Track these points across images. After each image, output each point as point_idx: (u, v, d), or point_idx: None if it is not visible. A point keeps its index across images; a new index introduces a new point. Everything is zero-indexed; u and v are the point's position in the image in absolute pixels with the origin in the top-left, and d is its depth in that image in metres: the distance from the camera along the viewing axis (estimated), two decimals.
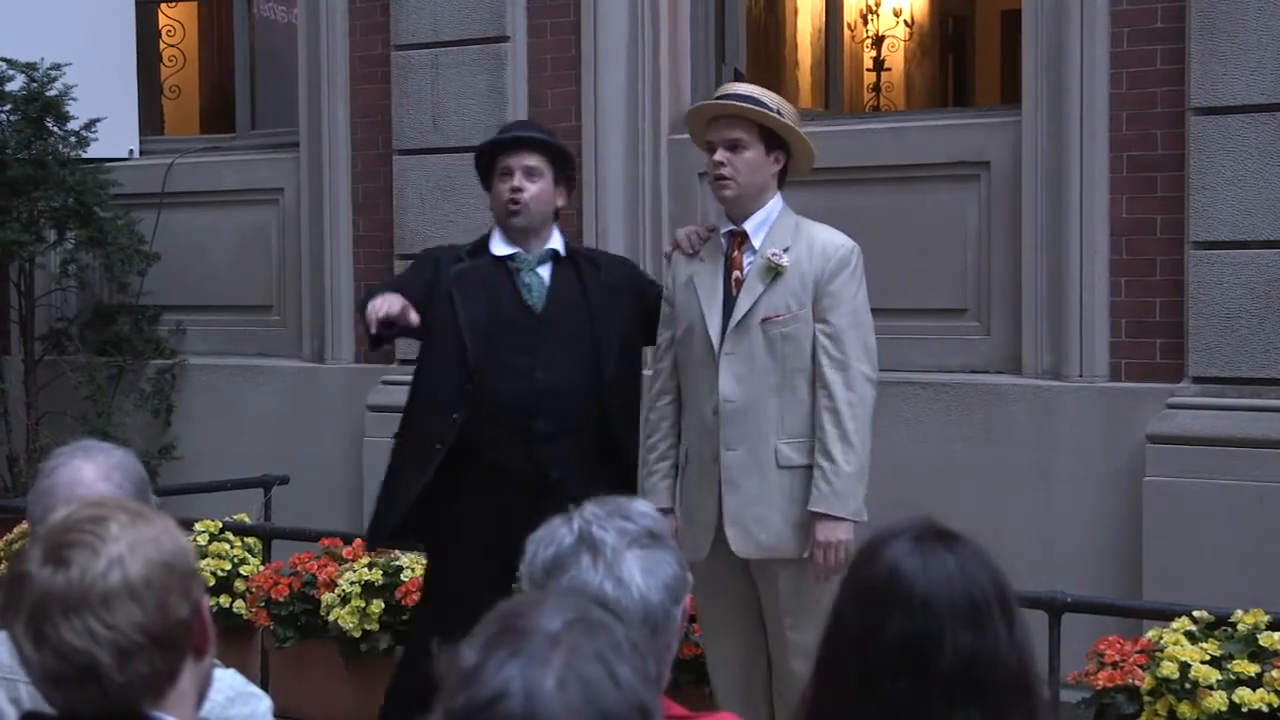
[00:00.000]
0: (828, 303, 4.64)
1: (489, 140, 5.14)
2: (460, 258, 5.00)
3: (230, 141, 8.93)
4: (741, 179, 4.69)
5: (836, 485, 4.56)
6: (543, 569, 2.25)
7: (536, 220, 4.94)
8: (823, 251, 4.68)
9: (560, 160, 4.99)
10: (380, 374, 7.91)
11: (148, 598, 1.98)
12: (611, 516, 2.29)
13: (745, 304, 4.67)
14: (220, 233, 8.71)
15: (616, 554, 2.24)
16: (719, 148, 4.70)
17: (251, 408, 8.41)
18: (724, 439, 4.64)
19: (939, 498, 6.26)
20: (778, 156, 4.73)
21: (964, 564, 2.08)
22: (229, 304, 8.69)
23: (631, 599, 2.21)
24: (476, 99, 7.66)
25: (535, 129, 5.16)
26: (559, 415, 4.82)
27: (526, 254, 4.94)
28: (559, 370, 4.84)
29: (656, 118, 7.37)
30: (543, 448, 4.80)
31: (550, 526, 2.29)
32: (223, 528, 6.79)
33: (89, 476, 2.74)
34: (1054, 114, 6.49)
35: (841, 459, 4.56)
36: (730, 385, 4.65)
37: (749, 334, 4.65)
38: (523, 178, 4.90)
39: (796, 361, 4.63)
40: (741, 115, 4.69)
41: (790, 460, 4.63)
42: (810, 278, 4.64)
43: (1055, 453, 6.46)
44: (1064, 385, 6.48)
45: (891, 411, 6.54)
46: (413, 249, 7.80)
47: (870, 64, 10.82)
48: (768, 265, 4.65)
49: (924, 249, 6.81)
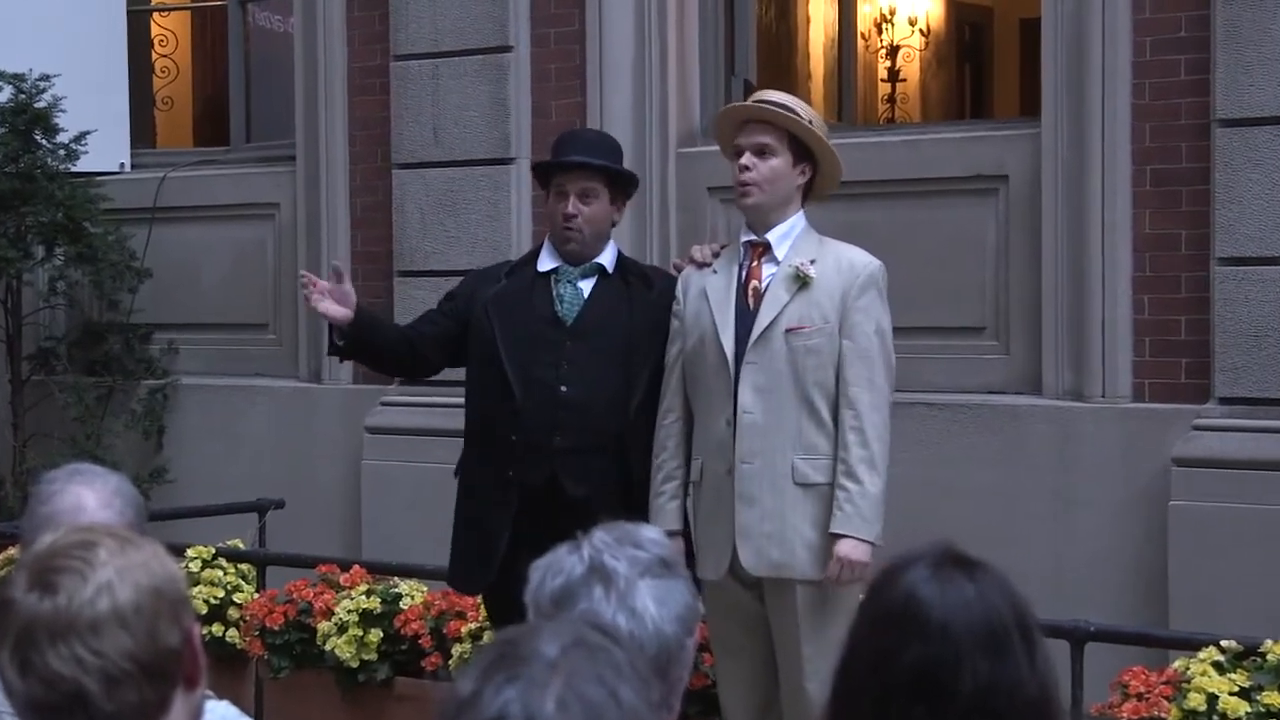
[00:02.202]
0: (856, 319, 4.66)
1: (547, 161, 5.11)
2: (500, 278, 5.02)
3: (224, 155, 8.94)
4: (765, 186, 4.71)
5: (862, 508, 4.56)
6: (551, 599, 2.24)
7: (589, 242, 4.95)
8: (850, 268, 4.71)
9: (618, 177, 4.99)
10: (379, 395, 7.91)
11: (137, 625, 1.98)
12: (622, 544, 2.28)
13: (770, 313, 4.67)
14: (214, 249, 8.72)
15: (629, 584, 2.23)
16: (745, 152, 4.72)
17: (246, 429, 8.41)
18: (740, 452, 4.64)
19: (956, 522, 6.25)
20: (804, 169, 4.76)
21: (983, 591, 2.08)
22: (223, 322, 8.69)
23: (646, 631, 2.21)
24: (478, 111, 7.67)
25: (596, 151, 5.03)
26: (581, 432, 4.82)
27: (570, 268, 4.94)
28: (585, 385, 4.83)
29: (664, 130, 7.37)
30: (563, 464, 4.80)
31: (557, 554, 2.28)
32: (215, 554, 6.79)
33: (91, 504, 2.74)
34: (1075, 126, 6.49)
35: (868, 481, 4.57)
36: (749, 396, 4.65)
37: (771, 344, 4.65)
38: (577, 202, 4.90)
39: (818, 376, 4.64)
40: (772, 121, 4.71)
41: (806, 477, 4.63)
42: (838, 293, 4.67)
43: (1077, 476, 6.45)
44: (1085, 406, 6.47)
45: (906, 433, 6.52)
46: (412, 266, 7.81)
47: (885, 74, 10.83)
48: (795, 275, 4.67)
49: (940, 265, 6.80)
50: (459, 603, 6.02)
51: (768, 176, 4.71)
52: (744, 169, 4.72)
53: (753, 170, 4.71)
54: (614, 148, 5.10)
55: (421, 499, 7.25)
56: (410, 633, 6.15)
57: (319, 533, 7.79)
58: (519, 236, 7.52)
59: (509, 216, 7.59)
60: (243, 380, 8.56)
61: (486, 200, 7.65)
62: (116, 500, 2.75)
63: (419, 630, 6.15)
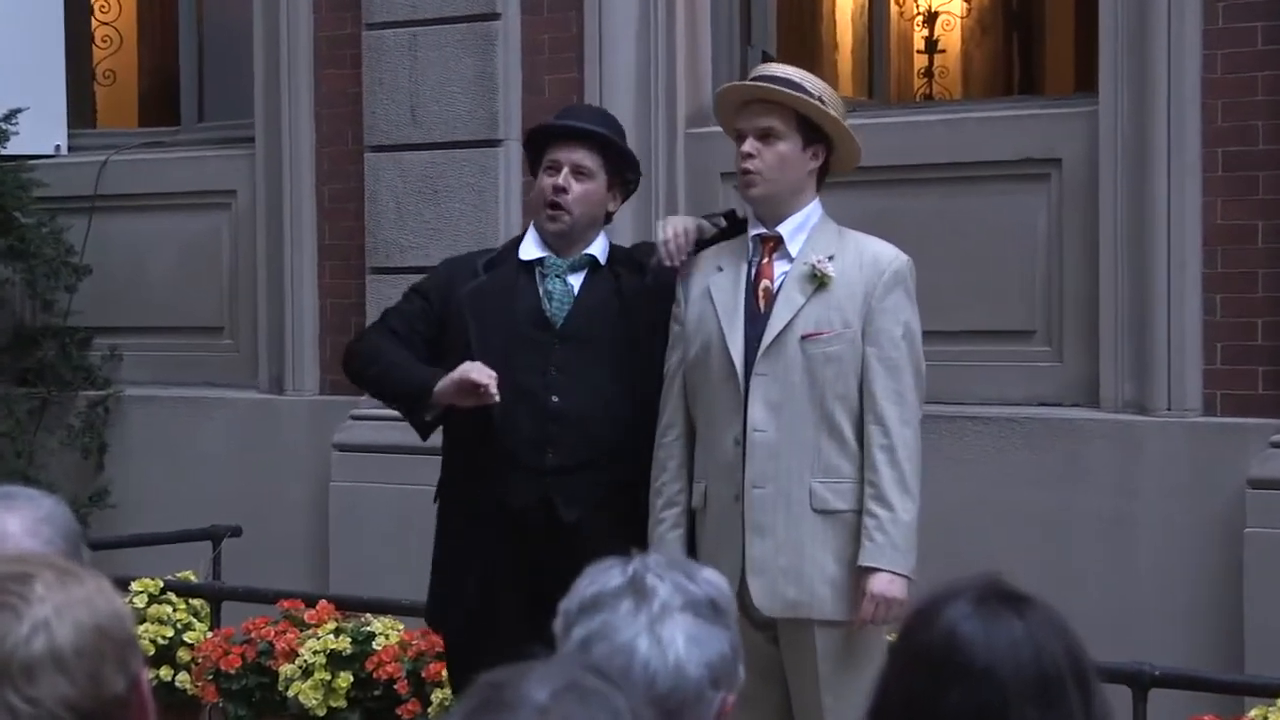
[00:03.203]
0: (881, 323, 4.64)
1: (539, 125, 5.13)
2: (477, 270, 4.97)
3: (174, 135, 8.95)
4: (771, 175, 4.69)
5: (895, 537, 4.55)
6: (579, 606, 2.26)
7: (578, 226, 4.91)
8: (874, 264, 4.68)
9: (618, 160, 4.98)
10: (349, 407, 7.91)
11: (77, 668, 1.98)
12: (673, 569, 2.28)
13: (783, 317, 4.65)
14: (162, 242, 8.72)
15: (665, 610, 2.24)
16: (748, 137, 4.71)
17: (198, 447, 8.41)
18: (749, 475, 4.63)
19: (1001, 552, 6.24)
20: (816, 152, 4.74)
21: (1033, 630, 2.08)
22: (172, 325, 8.69)
23: (664, 663, 2.21)
24: (462, 86, 7.67)
25: (594, 119, 5.08)
26: (575, 447, 4.80)
27: (557, 258, 4.93)
28: (578, 395, 4.82)
29: (671, 108, 7.38)
30: (555, 484, 4.79)
31: (604, 563, 2.29)
32: (164, 587, 6.79)
33: (15, 531, 2.73)
34: (1136, 103, 6.49)
35: (900, 506, 4.56)
36: (760, 412, 4.63)
37: (785, 352, 4.64)
38: (569, 176, 4.89)
39: (839, 388, 4.62)
40: (776, 101, 4.70)
41: (826, 504, 4.62)
42: (860, 293, 4.64)
43: (1139, 499, 6.44)
44: (1149, 420, 6.47)
45: (944, 451, 6.52)
46: (387, 261, 7.82)
47: (921, 45, 10.82)
48: (811, 273, 4.65)
49: (984, 261, 6.80)
50: (439, 643, 6.02)
51: (773, 164, 4.69)
52: (746, 156, 4.70)
53: (756, 157, 4.70)
54: (617, 128, 5.10)
55: (398, 525, 7.25)
56: (384, 676, 6.15)
57: (281, 563, 7.79)
58: (508, 228, 7.52)
59: (496, 206, 7.60)
60: (195, 391, 8.56)
61: (471, 187, 7.65)
62: (45, 528, 2.74)
63: (394, 674, 6.15)
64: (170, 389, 8.64)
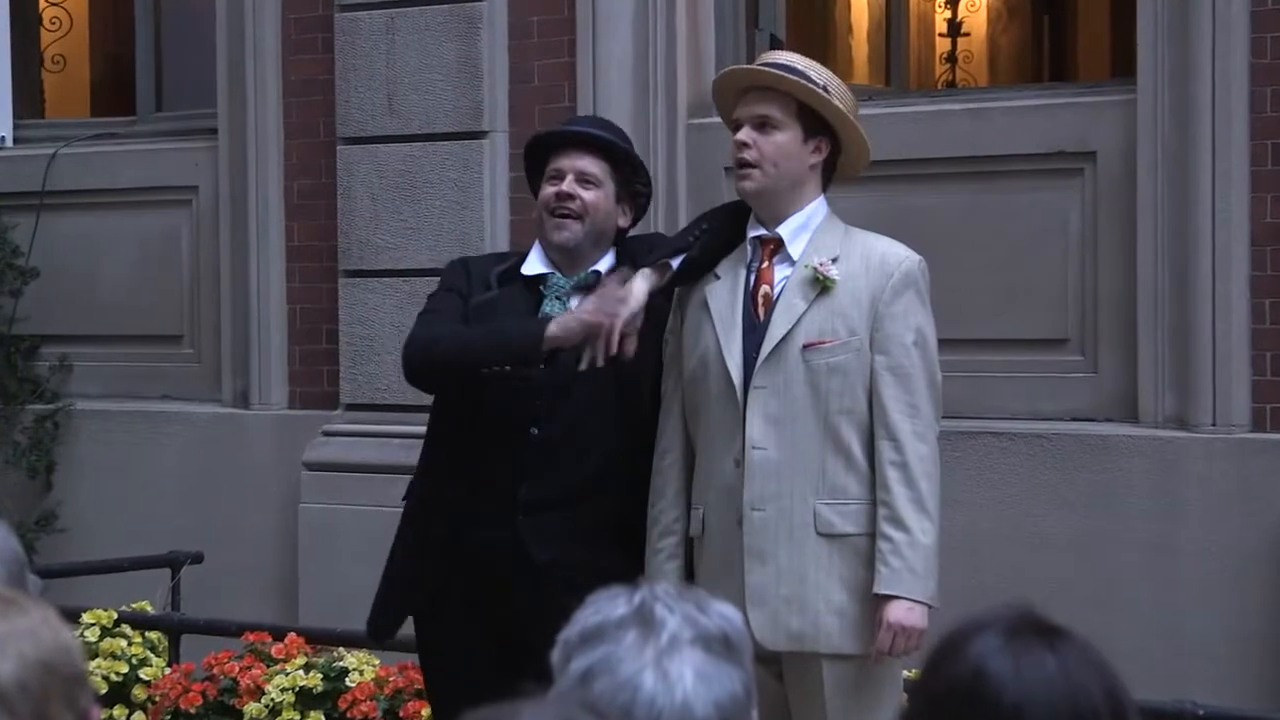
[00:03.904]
0: (890, 329, 4.63)
1: (538, 133, 5.12)
2: (490, 283, 4.96)
3: (129, 126, 8.95)
4: (767, 167, 4.69)
5: (912, 561, 4.54)
6: (580, 635, 2.24)
7: (588, 238, 4.88)
8: (881, 265, 4.67)
9: (626, 170, 4.96)
10: (321, 422, 7.91)
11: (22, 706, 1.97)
12: (684, 601, 2.27)
13: (783, 325, 4.64)
14: (116, 242, 8.72)
15: (674, 643, 2.23)
16: (745, 125, 4.72)
17: (156, 465, 8.41)
18: (749, 496, 4.62)
19: (1031, 581, 6.24)
20: (819, 145, 4.74)
21: (1068, 666, 2.07)
22: (127, 333, 8.69)
23: (671, 701, 2.20)
24: (443, 73, 7.68)
25: (600, 126, 5.11)
26: (554, 481, 4.80)
27: (561, 276, 4.93)
28: (563, 425, 4.81)
29: (671, 97, 7.38)
30: (528, 521, 4.79)
31: (609, 590, 2.28)
32: (118, 619, 6.78)
33: None
34: (1178, 91, 6.50)
35: (918, 529, 4.54)
36: (760, 428, 4.63)
37: (786, 363, 4.63)
38: (574, 183, 4.89)
39: (844, 401, 4.62)
40: (775, 87, 4.71)
41: (832, 527, 4.61)
42: (866, 297, 4.64)
43: (1182, 522, 6.45)
44: (1192, 436, 6.47)
45: (969, 470, 6.52)
46: (361, 264, 7.82)
47: (944, 28, 10.84)
48: (813, 277, 4.65)
49: (1011, 263, 6.81)
50: (418, 679, 6.02)
51: (770, 155, 4.68)
52: (741, 146, 4.70)
53: (752, 148, 4.69)
54: (624, 138, 5.12)
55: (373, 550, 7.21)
56: (358, 716, 6.15)
57: (246, 592, 7.79)
58: (493, 228, 7.52)
59: (481, 204, 7.60)
60: (152, 405, 8.56)
61: (453, 183, 7.66)
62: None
63: (369, 712, 6.15)
64: (125, 403, 8.63)
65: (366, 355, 7.81)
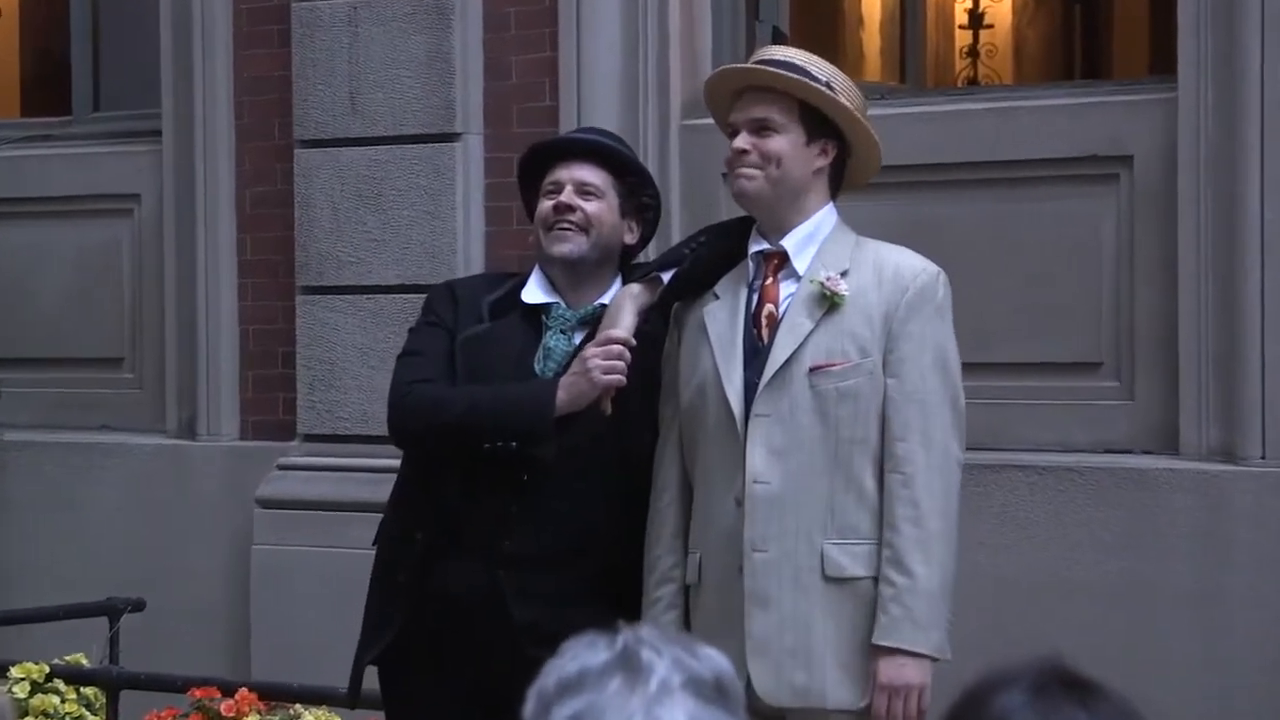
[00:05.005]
0: (906, 350, 4.62)
1: (532, 146, 5.10)
2: (481, 315, 4.94)
3: (64, 128, 8.96)
4: (768, 174, 4.69)
5: (914, 609, 4.53)
6: (557, 685, 2.23)
7: (593, 252, 4.86)
8: (896, 278, 4.66)
9: (630, 182, 4.95)
10: (275, 455, 7.91)
11: None
12: (671, 644, 2.26)
13: (787, 346, 4.63)
14: (50, 256, 8.73)
15: (663, 690, 2.22)
16: (742, 131, 4.71)
17: (93, 503, 8.41)
18: (750, 536, 4.61)
19: (1061, 630, 6.24)
20: (825, 148, 4.73)
21: None
22: (62, 356, 8.70)
23: None
24: (412, 69, 7.68)
25: (600, 133, 5.12)
26: (542, 535, 4.79)
27: (566, 308, 4.90)
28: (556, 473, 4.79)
29: (664, 96, 7.39)
30: (510, 577, 4.78)
31: (585, 637, 2.27)
32: (50, 673, 6.76)
33: None
34: (1222, 89, 6.51)
35: (922, 571, 4.54)
36: (762, 460, 4.62)
37: (791, 388, 4.62)
38: (573, 194, 4.88)
39: (856, 430, 4.61)
40: (774, 87, 4.70)
41: (842, 569, 4.60)
42: (879, 314, 4.63)
43: (1230, 566, 6.45)
44: (1239, 470, 6.47)
45: (993, 507, 6.52)
46: (321, 279, 7.81)
47: (964, 19, 10.86)
48: (820, 293, 4.64)
49: (1040, 279, 6.81)
50: None
51: (770, 161, 4.68)
52: (739, 152, 4.70)
53: (751, 154, 4.69)
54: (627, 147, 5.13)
55: (331, 596, 7.23)
56: None
57: (192, 643, 7.79)
58: (467, 240, 7.53)
59: (453, 213, 7.60)
60: (89, 436, 8.56)
61: (423, 190, 7.66)
62: None
63: None
64: (59, 433, 8.64)
65: (326, 381, 7.80)
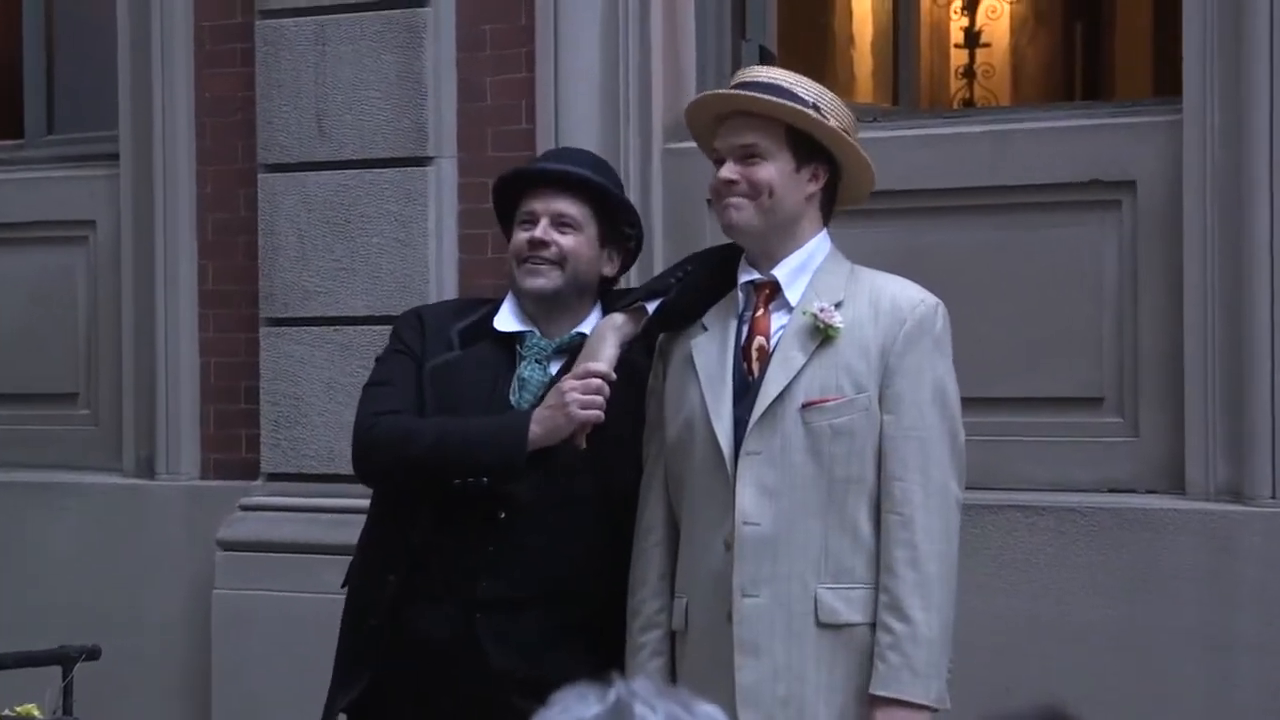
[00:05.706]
0: (903, 384, 4.62)
1: (505, 174, 5.10)
2: (451, 342, 4.95)
3: (16, 152, 8.95)
4: (758, 204, 4.68)
5: (913, 658, 4.53)
6: None
7: (568, 286, 4.88)
8: (893, 310, 4.67)
9: (609, 212, 4.96)
10: (238, 494, 7.89)
11: None
12: (664, 698, 2.28)
13: (778, 381, 4.63)
14: (1, 286, 8.71)
15: None
16: (728, 158, 4.73)
17: (46, 545, 8.38)
18: (740, 580, 4.61)
19: (1063, 676, 6.24)
20: (816, 172, 4.73)
21: None
22: (13, 392, 8.69)
23: None
24: (381, 90, 7.68)
25: (578, 160, 5.10)
26: (520, 576, 4.79)
27: (540, 337, 4.92)
28: (531, 512, 4.80)
29: (646, 118, 7.40)
30: (486, 621, 4.78)
31: (574, 691, 2.28)
32: None
33: None
34: (1230, 111, 6.52)
35: (921, 618, 4.54)
36: (752, 500, 4.61)
37: (782, 425, 4.62)
38: (549, 228, 4.89)
39: (851, 468, 4.61)
40: (759, 112, 4.71)
41: (836, 615, 4.60)
42: (875, 347, 4.63)
43: (1238, 611, 6.45)
44: (1249, 511, 6.48)
45: (991, 549, 6.52)
46: (286, 310, 7.81)
47: (961, 38, 10.88)
48: (813, 326, 4.63)
49: (1039, 310, 6.82)
50: None
51: (758, 190, 4.68)
52: (725, 183, 4.70)
53: (739, 183, 4.69)
54: (611, 174, 5.13)
55: (295, 643, 7.22)
56: None
57: (150, 692, 7.77)
58: (439, 269, 7.52)
59: (425, 240, 7.59)
60: (42, 475, 8.54)
61: (393, 217, 7.65)
62: None
63: None
64: (10, 472, 8.62)
65: (291, 417, 7.79)
